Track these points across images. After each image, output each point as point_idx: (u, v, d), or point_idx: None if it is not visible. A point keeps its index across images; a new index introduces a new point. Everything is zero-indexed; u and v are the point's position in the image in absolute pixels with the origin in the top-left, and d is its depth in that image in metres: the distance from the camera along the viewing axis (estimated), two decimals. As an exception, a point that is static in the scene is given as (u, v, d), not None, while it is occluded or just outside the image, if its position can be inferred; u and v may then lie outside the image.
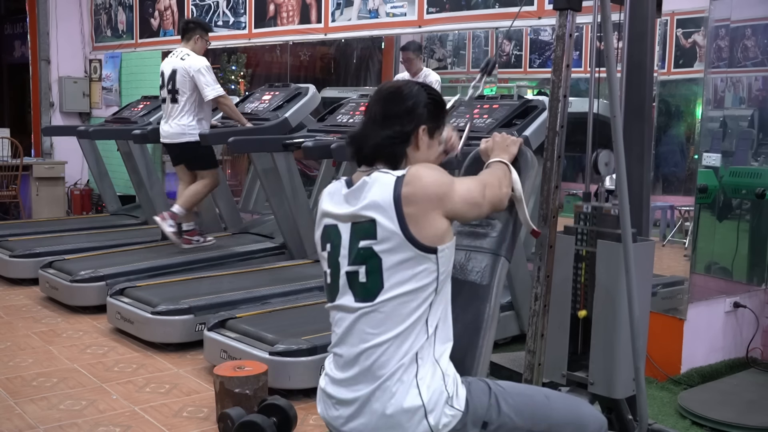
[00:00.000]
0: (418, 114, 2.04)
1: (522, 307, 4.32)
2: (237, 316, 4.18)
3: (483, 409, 1.98)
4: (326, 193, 2.10)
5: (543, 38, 6.68)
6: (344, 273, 1.99)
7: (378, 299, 1.93)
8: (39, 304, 5.34)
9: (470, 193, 2.05)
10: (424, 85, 2.12)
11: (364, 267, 1.94)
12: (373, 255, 1.93)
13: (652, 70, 3.18)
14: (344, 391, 1.98)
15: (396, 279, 1.91)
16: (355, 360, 1.96)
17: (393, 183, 1.93)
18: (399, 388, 1.90)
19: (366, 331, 1.94)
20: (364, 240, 1.94)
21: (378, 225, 1.91)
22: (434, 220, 1.93)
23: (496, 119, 4.32)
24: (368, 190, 1.96)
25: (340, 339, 2.01)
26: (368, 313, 1.94)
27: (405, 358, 1.91)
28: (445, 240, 1.95)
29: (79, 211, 8.61)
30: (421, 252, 1.91)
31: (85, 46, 9.34)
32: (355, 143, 2.08)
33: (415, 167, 1.98)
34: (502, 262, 2.30)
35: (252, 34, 7.06)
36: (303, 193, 5.50)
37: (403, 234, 1.90)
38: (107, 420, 3.45)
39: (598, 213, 2.90)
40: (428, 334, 1.94)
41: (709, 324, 4.13)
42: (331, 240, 2.03)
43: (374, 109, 2.08)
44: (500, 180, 2.18)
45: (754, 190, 4.37)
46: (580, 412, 2.14)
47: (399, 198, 1.91)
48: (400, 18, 5.77)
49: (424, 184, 1.93)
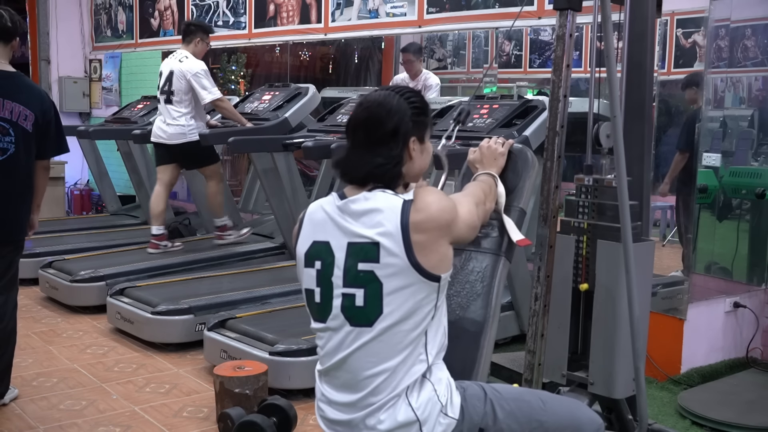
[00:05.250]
0: (405, 131, 1.95)
1: (522, 307, 4.32)
2: (237, 316, 4.18)
3: (479, 416, 1.96)
4: (316, 206, 2.01)
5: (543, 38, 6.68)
6: (340, 294, 1.91)
7: (376, 325, 1.87)
8: (39, 304, 5.34)
9: (471, 216, 2.05)
10: (404, 93, 2.00)
11: (362, 291, 1.88)
12: (374, 279, 1.86)
13: (652, 70, 3.18)
14: (341, 414, 1.96)
15: (395, 305, 1.86)
16: (352, 386, 1.92)
17: (400, 208, 1.87)
18: (392, 406, 1.89)
19: (364, 359, 1.89)
20: (364, 262, 1.87)
21: (382, 248, 1.85)
22: (441, 246, 1.90)
23: (496, 119, 4.32)
24: (372, 211, 1.89)
25: (337, 364, 1.94)
26: (366, 341, 1.88)
27: (402, 385, 1.88)
28: (447, 267, 1.93)
29: (79, 211, 8.61)
30: (425, 279, 1.87)
31: (85, 46, 9.34)
32: (342, 168, 1.98)
33: (423, 192, 1.92)
34: (502, 261, 2.30)
35: (252, 34, 7.05)
36: (303, 193, 5.50)
37: (408, 260, 1.85)
38: (107, 420, 3.45)
39: (599, 185, 2.91)
40: (428, 363, 1.91)
41: (709, 324, 4.13)
42: (322, 258, 1.94)
43: (357, 133, 1.96)
44: (486, 195, 2.23)
45: (754, 190, 4.37)
46: (576, 416, 2.12)
47: (407, 224, 1.85)
48: (400, 18, 5.77)
49: (433, 212, 1.88)
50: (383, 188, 1.93)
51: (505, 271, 2.32)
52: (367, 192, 1.93)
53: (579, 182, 2.97)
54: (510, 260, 2.34)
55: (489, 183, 2.30)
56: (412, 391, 1.90)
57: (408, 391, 1.89)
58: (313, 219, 1.99)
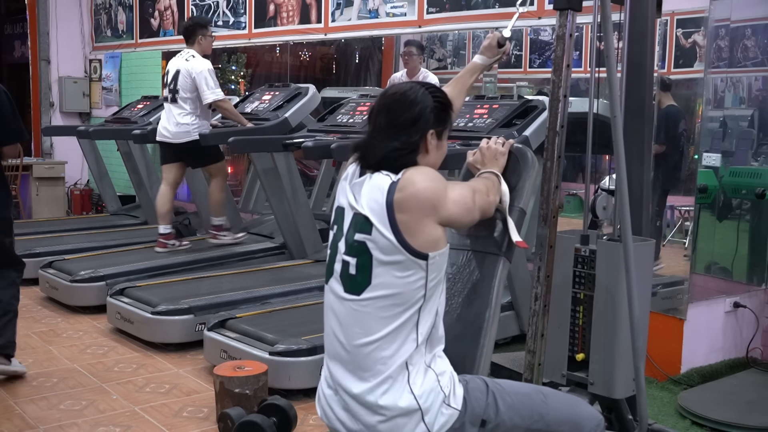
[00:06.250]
0: (425, 120, 2.00)
1: (522, 307, 4.32)
2: (237, 316, 4.18)
3: (481, 408, 1.98)
4: (348, 171, 2.08)
5: (543, 38, 6.68)
6: (340, 260, 1.99)
7: (363, 295, 1.93)
8: (39, 304, 5.34)
9: (463, 199, 2.04)
10: (429, 87, 2.07)
11: (355, 260, 1.95)
12: (365, 250, 1.93)
13: (652, 70, 3.18)
14: (339, 387, 1.98)
15: (383, 278, 1.91)
16: (344, 358, 1.97)
17: (387, 187, 1.92)
18: (392, 391, 1.90)
19: (353, 328, 1.95)
20: (360, 233, 1.94)
21: (373, 223, 1.92)
22: (427, 227, 1.91)
23: (496, 119, 4.32)
24: (367, 188, 1.96)
25: (331, 330, 2.01)
26: (355, 309, 1.94)
27: (392, 363, 1.90)
28: (438, 247, 1.93)
29: (79, 211, 8.61)
30: (412, 257, 1.89)
31: (85, 46, 9.34)
32: (361, 152, 2.03)
33: (410, 172, 1.95)
34: (502, 261, 2.30)
35: (252, 34, 7.06)
36: (303, 193, 5.49)
37: (395, 238, 1.89)
38: (107, 420, 3.45)
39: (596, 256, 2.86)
40: (418, 343, 1.93)
41: (709, 324, 4.13)
42: (338, 222, 2.03)
43: (379, 117, 2.03)
44: (488, 188, 2.20)
45: (754, 190, 4.37)
46: (577, 411, 2.14)
47: (391, 204, 1.89)
48: (400, 18, 5.77)
49: (416, 190, 1.90)
50: (385, 173, 1.97)
51: (506, 271, 2.32)
52: (369, 172, 1.99)
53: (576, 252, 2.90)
54: (510, 260, 2.33)
55: (491, 179, 2.27)
56: (414, 379, 1.91)
57: (410, 378, 1.91)
58: (341, 184, 2.08)
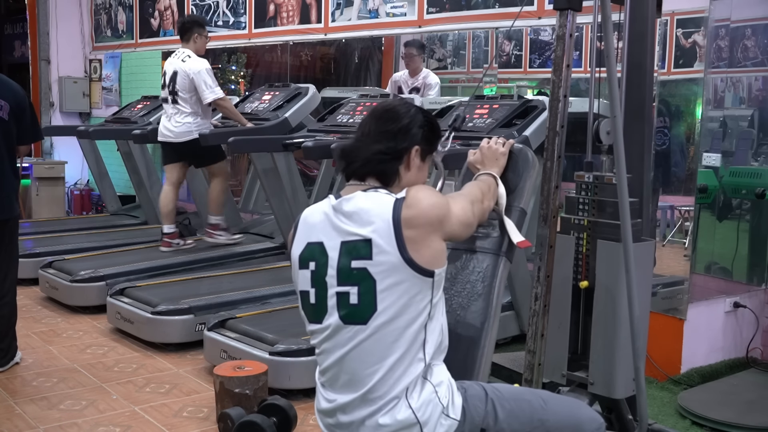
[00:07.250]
0: (413, 134, 2.03)
1: (522, 307, 4.32)
2: (237, 316, 4.18)
3: (480, 417, 1.97)
4: (311, 209, 2.04)
5: (543, 38, 6.67)
6: (334, 293, 1.92)
7: (371, 323, 1.88)
8: (39, 304, 5.34)
9: (465, 214, 2.06)
10: (421, 109, 2.11)
11: (356, 288, 1.89)
12: (367, 276, 1.88)
13: (652, 70, 3.18)
14: (341, 416, 1.96)
15: (389, 302, 1.87)
16: (351, 386, 1.93)
17: (392, 205, 1.90)
18: (392, 408, 1.89)
19: (361, 358, 1.90)
20: (358, 260, 1.89)
21: (374, 245, 1.87)
22: (433, 242, 1.91)
23: (496, 119, 4.32)
24: (364, 209, 1.91)
25: (334, 364, 1.95)
26: (362, 339, 1.89)
27: (399, 385, 1.88)
28: (441, 263, 1.93)
29: (79, 211, 8.61)
30: (418, 275, 1.88)
31: (85, 46, 9.34)
32: (346, 157, 2.04)
33: (414, 189, 1.95)
34: (503, 262, 2.30)
35: (252, 34, 7.06)
36: (303, 193, 5.50)
37: (401, 256, 1.86)
38: (107, 420, 3.45)
39: (600, 182, 2.91)
40: (425, 363, 1.91)
41: (709, 324, 4.13)
42: (316, 258, 1.96)
43: (368, 124, 2.05)
44: (484, 194, 2.22)
45: (754, 190, 4.37)
46: (577, 415, 2.13)
47: (399, 220, 1.87)
48: (400, 18, 5.77)
49: (424, 207, 1.90)
50: (378, 188, 1.97)
51: (506, 272, 2.32)
52: (362, 191, 1.96)
53: (579, 179, 2.97)
54: (510, 260, 2.34)
55: (488, 182, 2.30)
56: (411, 393, 1.90)
57: (408, 392, 1.89)
58: (308, 222, 2.02)
